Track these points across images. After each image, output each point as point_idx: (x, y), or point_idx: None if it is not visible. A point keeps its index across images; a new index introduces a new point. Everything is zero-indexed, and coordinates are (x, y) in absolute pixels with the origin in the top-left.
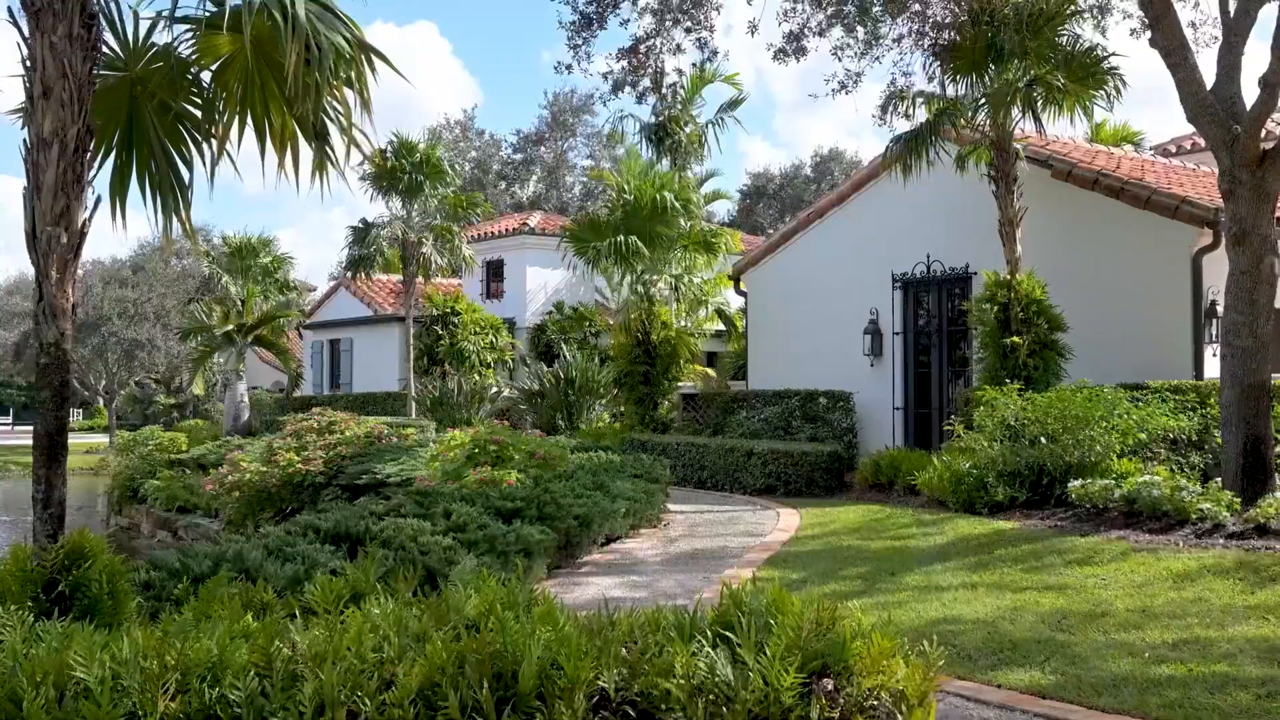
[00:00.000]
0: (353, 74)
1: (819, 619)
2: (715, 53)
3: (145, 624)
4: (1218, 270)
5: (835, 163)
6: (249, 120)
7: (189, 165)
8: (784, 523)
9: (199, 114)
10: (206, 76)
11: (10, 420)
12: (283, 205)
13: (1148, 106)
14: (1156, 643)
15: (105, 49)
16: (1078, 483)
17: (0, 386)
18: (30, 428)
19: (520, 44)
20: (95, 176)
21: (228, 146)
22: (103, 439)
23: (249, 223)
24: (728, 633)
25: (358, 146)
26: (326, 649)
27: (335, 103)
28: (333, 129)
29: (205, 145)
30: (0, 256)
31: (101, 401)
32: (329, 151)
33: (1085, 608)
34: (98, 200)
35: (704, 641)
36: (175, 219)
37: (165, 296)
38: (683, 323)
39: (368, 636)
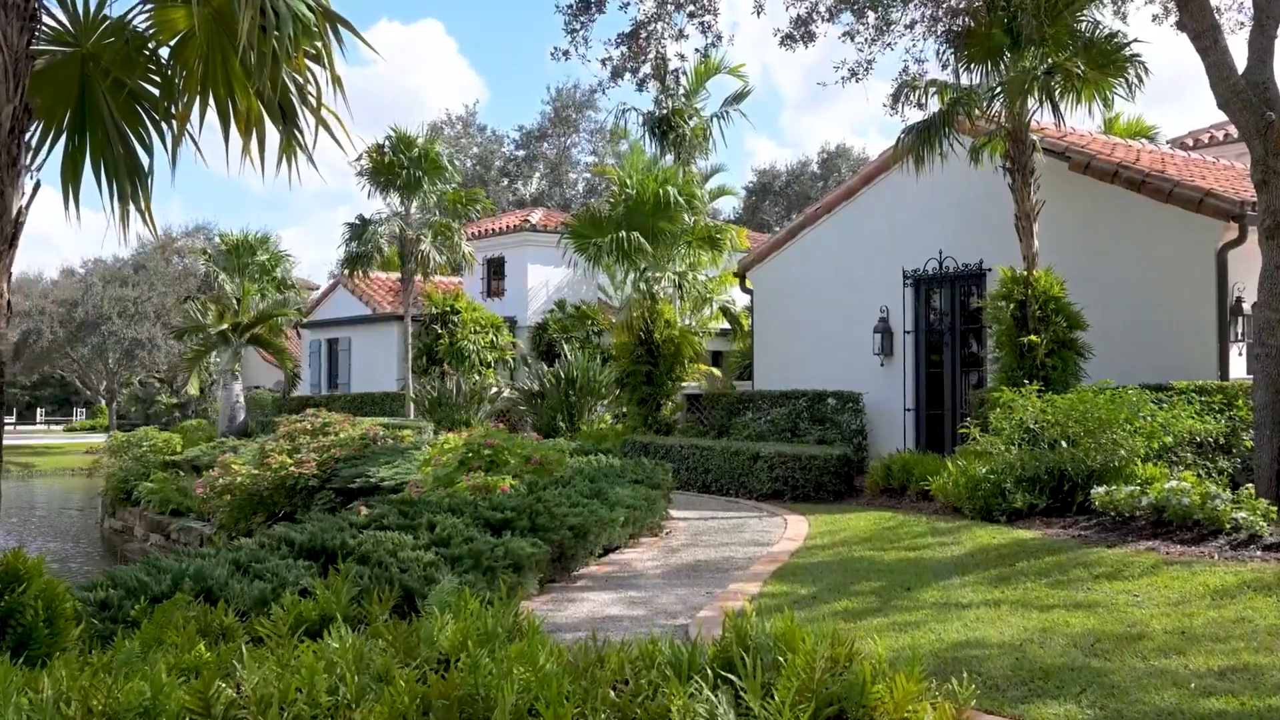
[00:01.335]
0: (319, 45)
1: (834, 655)
2: (719, 38)
3: (97, 649)
4: (1244, 266)
5: (842, 159)
6: (211, 101)
7: (149, 149)
8: (792, 531)
9: (157, 93)
10: (166, 53)
11: (14, 419)
12: (289, 204)
13: (1159, 102)
14: (1201, 670)
15: (53, 22)
16: (1101, 489)
17: None
18: (30, 427)
19: (526, 42)
20: (45, 162)
21: (192, 130)
22: (103, 439)
23: (255, 222)
24: (730, 673)
25: (327, 128)
26: (274, 691)
27: (300, 78)
28: (302, 110)
29: (165, 127)
30: None
31: (103, 401)
32: (297, 135)
33: (1119, 629)
34: (37, 186)
35: (703, 682)
36: (134, 207)
37: (166, 295)
38: (687, 321)
39: (321, 677)
